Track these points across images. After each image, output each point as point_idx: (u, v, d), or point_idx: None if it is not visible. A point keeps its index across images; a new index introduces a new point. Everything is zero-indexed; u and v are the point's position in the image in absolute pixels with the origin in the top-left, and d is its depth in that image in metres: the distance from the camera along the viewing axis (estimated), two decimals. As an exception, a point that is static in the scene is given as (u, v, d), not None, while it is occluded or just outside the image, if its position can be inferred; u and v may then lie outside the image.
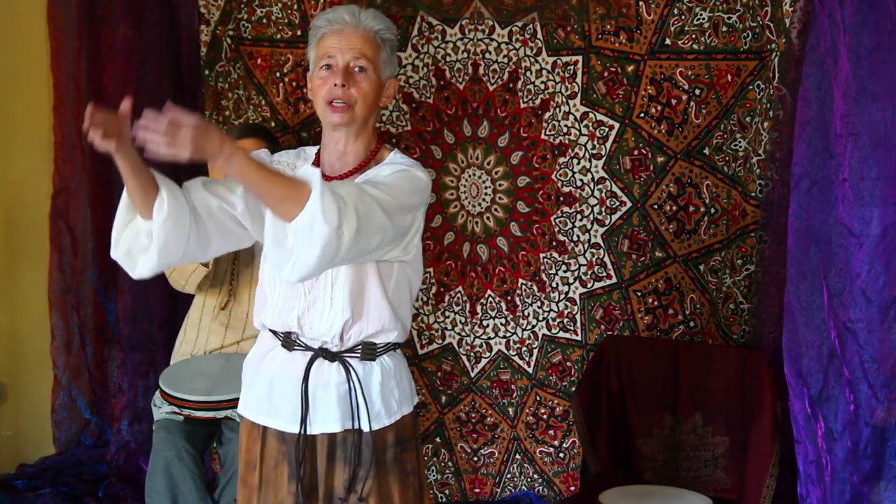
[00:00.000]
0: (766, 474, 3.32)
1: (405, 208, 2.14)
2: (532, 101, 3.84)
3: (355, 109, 2.19)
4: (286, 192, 1.97)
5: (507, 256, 3.94)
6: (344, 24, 2.20)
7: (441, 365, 4.00)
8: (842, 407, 2.76)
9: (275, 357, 2.27)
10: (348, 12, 2.21)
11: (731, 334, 3.81)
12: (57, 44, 3.96)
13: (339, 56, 2.19)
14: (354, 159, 2.25)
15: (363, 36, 2.20)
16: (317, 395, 2.23)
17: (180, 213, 2.13)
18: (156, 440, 3.18)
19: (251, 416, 2.31)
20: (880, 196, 2.65)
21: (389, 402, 2.26)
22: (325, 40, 2.22)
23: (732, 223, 3.79)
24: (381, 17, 2.25)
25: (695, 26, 3.73)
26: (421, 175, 2.21)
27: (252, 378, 2.32)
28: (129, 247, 2.18)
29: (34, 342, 4.12)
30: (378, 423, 2.24)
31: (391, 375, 2.28)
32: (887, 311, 2.66)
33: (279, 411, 2.25)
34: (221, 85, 3.89)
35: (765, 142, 3.64)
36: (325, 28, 2.22)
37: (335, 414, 2.22)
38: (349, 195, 2.00)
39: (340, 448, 2.24)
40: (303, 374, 2.22)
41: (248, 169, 1.97)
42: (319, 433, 2.24)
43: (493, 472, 4.04)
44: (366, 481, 2.22)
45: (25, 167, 4.06)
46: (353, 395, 2.22)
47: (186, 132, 1.90)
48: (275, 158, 2.34)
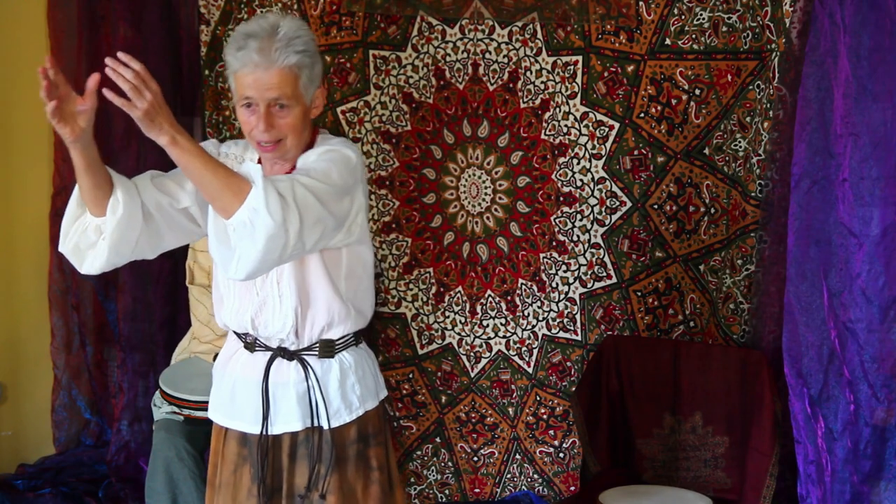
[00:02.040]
0: (766, 474, 3.32)
1: (341, 193, 2.10)
2: (532, 101, 3.84)
3: (286, 142, 2.14)
4: (227, 184, 1.95)
5: (507, 256, 3.94)
6: (255, 65, 2.07)
7: (441, 365, 4.00)
8: (842, 407, 2.76)
9: (238, 359, 2.28)
10: (257, 49, 2.06)
11: (731, 334, 3.81)
12: (57, 44, 3.96)
13: (256, 96, 2.09)
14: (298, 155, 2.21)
15: (279, 74, 2.08)
16: (277, 394, 2.23)
17: (133, 213, 2.12)
18: (156, 440, 3.19)
19: (217, 419, 2.32)
20: (880, 196, 2.65)
21: (349, 399, 2.26)
22: (240, 78, 2.11)
23: (732, 223, 3.79)
24: (295, 38, 2.10)
25: (695, 26, 3.73)
26: (349, 153, 2.16)
27: (219, 381, 2.33)
28: (76, 242, 2.17)
29: (34, 342, 4.12)
30: (338, 420, 2.24)
31: (351, 372, 2.26)
32: (887, 311, 2.66)
33: (242, 413, 2.26)
34: (221, 85, 3.89)
35: (765, 142, 3.64)
36: (235, 65, 2.11)
37: (296, 413, 2.22)
38: (286, 190, 1.97)
39: (303, 446, 2.25)
40: (263, 375, 2.23)
41: (191, 154, 1.95)
42: (282, 432, 2.24)
43: (493, 472, 4.03)
44: (326, 478, 2.22)
45: (25, 167, 4.06)
46: (312, 393, 2.22)
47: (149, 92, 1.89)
48: (222, 150, 2.31)
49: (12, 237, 4.09)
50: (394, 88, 3.86)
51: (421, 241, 3.93)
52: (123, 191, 2.10)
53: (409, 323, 3.97)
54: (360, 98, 3.86)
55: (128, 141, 3.88)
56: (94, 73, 2.02)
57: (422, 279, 3.95)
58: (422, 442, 4.01)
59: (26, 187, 4.08)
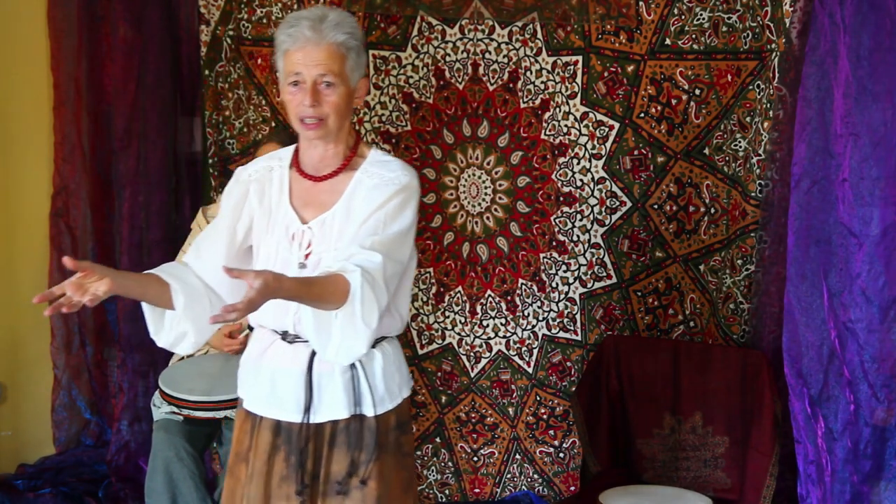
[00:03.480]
0: (766, 474, 3.32)
1: (409, 229, 2.25)
2: (532, 101, 3.84)
3: (328, 122, 2.23)
4: (332, 299, 2.07)
5: (507, 256, 3.94)
6: (306, 40, 2.18)
7: (441, 365, 4.00)
8: (842, 407, 2.76)
9: (276, 351, 2.30)
10: (310, 27, 2.19)
11: (731, 334, 3.81)
12: (57, 44, 3.96)
13: (305, 72, 2.19)
14: (336, 160, 2.29)
15: (327, 50, 2.19)
16: (322, 383, 2.26)
17: (194, 291, 2.24)
18: (155, 440, 3.18)
19: (253, 408, 2.34)
20: (880, 196, 2.65)
21: (391, 387, 2.32)
22: (290, 55, 2.21)
23: (732, 223, 3.79)
24: (344, 22, 2.23)
25: (695, 26, 3.73)
26: (414, 182, 2.26)
27: (254, 373, 2.35)
28: (172, 339, 2.28)
29: (34, 342, 4.12)
30: (382, 407, 2.29)
31: (392, 360, 2.33)
32: (887, 311, 2.66)
33: (282, 402, 2.28)
34: (221, 85, 3.89)
35: (765, 142, 3.64)
36: (287, 43, 2.21)
37: (342, 401, 2.26)
38: (377, 271, 2.11)
39: (342, 434, 2.28)
40: (306, 366, 2.26)
41: (300, 294, 2.05)
42: (325, 420, 2.27)
43: (493, 472, 4.03)
44: (368, 465, 2.26)
45: (25, 167, 4.06)
46: (357, 381, 2.26)
47: (257, 296, 1.95)
48: (249, 168, 2.37)
49: (12, 237, 4.09)
50: (394, 88, 3.86)
51: (421, 241, 3.93)
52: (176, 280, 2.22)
53: (410, 323, 3.97)
54: (360, 98, 3.86)
55: (128, 141, 3.89)
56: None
57: (422, 279, 3.95)
58: (422, 442, 4.01)
59: (26, 187, 4.08)
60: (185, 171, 4.04)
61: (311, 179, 2.28)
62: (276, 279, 1.97)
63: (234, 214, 2.33)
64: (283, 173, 2.32)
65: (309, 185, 2.29)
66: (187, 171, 4.04)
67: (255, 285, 1.93)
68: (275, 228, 2.28)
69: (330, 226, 2.24)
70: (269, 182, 2.32)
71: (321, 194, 2.27)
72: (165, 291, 2.20)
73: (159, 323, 2.26)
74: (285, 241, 2.26)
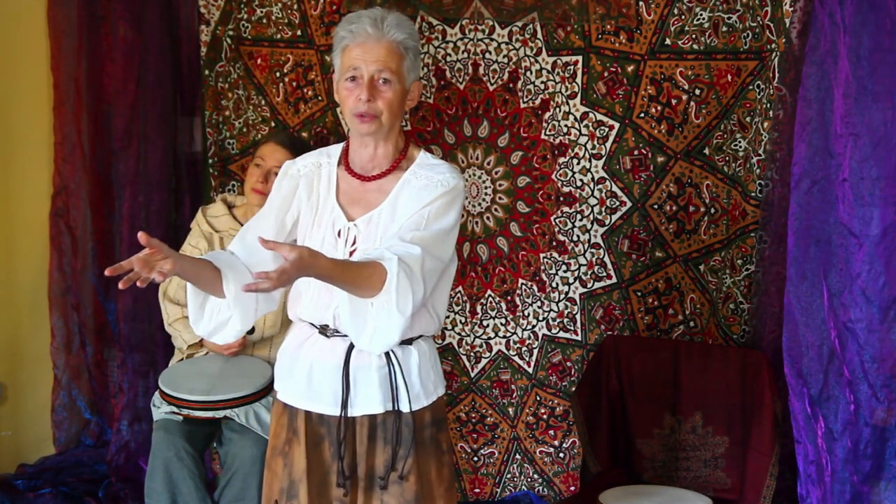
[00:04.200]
0: (766, 474, 3.32)
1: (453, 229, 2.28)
2: (532, 101, 3.84)
3: (382, 119, 2.26)
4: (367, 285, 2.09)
5: (507, 256, 3.94)
6: (367, 36, 2.23)
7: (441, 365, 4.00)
8: (842, 407, 2.76)
9: (313, 344, 2.34)
10: (371, 23, 2.23)
11: (731, 334, 3.81)
12: (57, 44, 3.96)
13: (363, 68, 2.23)
14: (385, 161, 2.33)
15: (387, 47, 2.24)
16: (358, 378, 2.29)
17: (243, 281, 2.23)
18: (155, 440, 3.18)
19: (290, 401, 2.37)
20: (880, 196, 2.65)
21: (427, 384, 2.36)
22: (350, 51, 2.25)
23: (732, 223, 3.79)
24: (403, 23, 2.28)
25: (695, 26, 3.73)
26: (461, 185, 2.29)
27: (291, 365, 2.38)
28: (214, 326, 2.29)
29: (34, 342, 4.12)
30: (417, 404, 2.33)
31: (427, 358, 2.37)
32: (887, 311, 2.66)
33: (320, 395, 2.32)
34: (221, 85, 3.89)
35: (765, 142, 3.64)
36: (348, 39, 2.25)
37: (377, 396, 2.29)
38: (416, 264, 2.12)
39: (381, 429, 2.32)
40: (343, 360, 2.29)
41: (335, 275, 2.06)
42: (360, 415, 2.30)
43: (493, 472, 4.04)
44: (406, 460, 2.30)
45: (25, 167, 4.06)
46: (394, 377, 2.29)
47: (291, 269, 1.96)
48: (298, 163, 2.41)
49: (12, 237, 4.09)
50: (394, 88, 3.86)
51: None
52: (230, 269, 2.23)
53: (409, 323, 3.97)
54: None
55: (128, 141, 3.89)
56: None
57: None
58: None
59: (26, 187, 4.08)
60: (185, 171, 4.04)
61: (360, 178, 2.32)
62: (311, 255, 2.00)
63: (284, 206, 2.37)
64: (332, 170, 2.35)
65: (357, 184, 2.33)
66: (187, 171, 4.04)
67: (290, 257, 1.95)
68: (321, 224, 2.33)
69: (376, 224, 2.28)
70: (317, 178, 2.36)
71: (368, 193, 2.31)
72: (217, 278, 2.22)
73: (200, 311, 2.27)
74: (331, 237, 2.30)
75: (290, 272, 1.96)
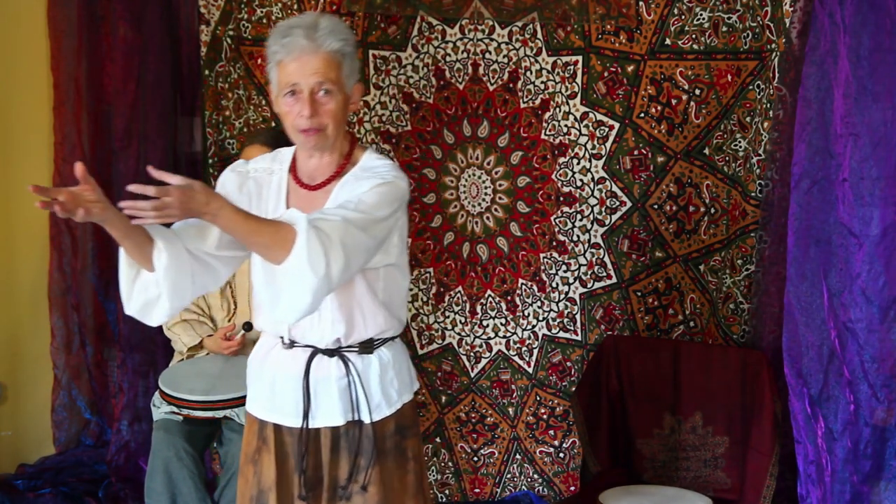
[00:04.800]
0: (766, 474, 3.32)
1: (385, 219, 2.18)
2: (532, 101, 3.84)
3: (327, 131, 2.21)
4: (273, 240, 2.00)
5: (507, 256, 3.94)
6: (302, 49, 2.15)
7: (441, 365, 4.00)
8: (842, 407, 2.76)
9: (277, 355, 2.32)
10: (304, 35, 2.15)
11: (731, 334, 3.81)
12: (57, 44, 3.96)
13: (302, 82, 2.16)
14: (331, 168, 2.28)
15: (324, 58, 2.16)
16: (318, 389, 2.27)
17: (179, 256, 2.14)
18: (155, 440, 3.18)
19: (256, 413, 2.35)
20: (880, 196, 2.65)
21: (389, 393, 2.31)
22: (285, 66, 2.17)
23: (732, 223, 3.79)
24: (337, 29, 2.19)
25: (695, 26, 3.73)
26: (401, 183, 2.23)
27: (257, 375, 2.37)
28: (143, 302, 2.18)
29: (34, 342, 4.12)
30: (379, 414, 2.29)
31: (390, 366, 2.32)
32: (887, 311, 2.66)
33: (282, 407, 2.30)
34: (221, 85, 3.89)
35: (765, 142, 3.64)
36: (281, 53, 2.18)
37: (337, 407, 2.27)
38: (334, 230, 2.03)
39: (344, 439, 2.29)
40: (303, 371, 2.26)
41: (235, 222, 1.99)
42: (323, 426, 2.28)
43: (493, 472, 4.03)
44: (368, 470, 2.27)
45: (25, 167, 4.06)
46: (353, 388, 2.26)
47: (173, 199, 1.90)
48: (251, 165, 2.36)
49: (12, 237, 4.08)
50: (394, 88, 3.86)
51: (421, 241, 3.93)
52: (162, 239, 2.13)
53: (410, 323, 3.97)
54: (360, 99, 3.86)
55: (128, 141, 3.89)
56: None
57: (422, 279, 3.95)
58: (422, 442, 4.01)
59: (26, 187, 4.06)
60: (185, 171, 4.04)
61: (307, 188, 2.28)
62: (205, 191, 1.93)
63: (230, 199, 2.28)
64: (283, 178, 2.31)
65: (304, 193, 2.28)
66: (187, 171, 4.03)
67: (175, 182, 1.89)
68: None
69: None
70: (267, 185, 2.31)
71: (315, 202, 2.26)
72: (147, 245, 2.12)
73: (131, 285, 2.17)
74: None
75: (172, 202, 1.88)
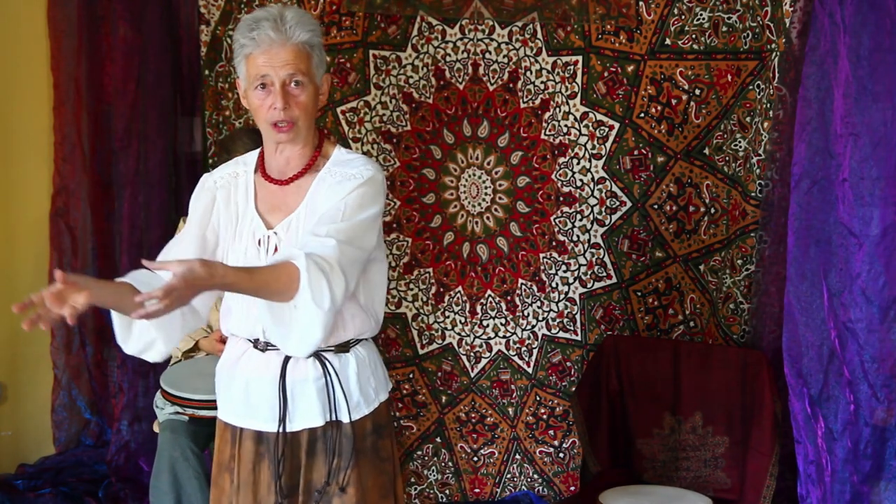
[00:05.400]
0: (766, 474, 3.32)
1: (374, 220, 2.20)
2: (532, 101, 3.84)
3: (299, 124, 2.20)
4: (278, 286, 2.02)
5: (507, 256, 3.94)
6: (271, 41, 2.13)
7: (441, 365, 4.00)
8: (842, 407, 2.76)
9: (249, 359, 2.28)
10: (272, 27, 2.14)
11: (731, 334, 3.81)
12: (57, 44, 3.96)
13: (272, 74, 2.15)
14: (301, 162, 2.26)
15: (293, 51, 2.15)
16: (295, 391, 2.24)
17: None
18: (161, 440, 3.18)
19: (229, 419, 2.32)
20: (880, 196, 2.65)
21: (367, 391, 2.29)
22: (254, 59, 2.16)
23: (732, 223, 3.79)
24: (304, 20, 2.19)
25: (695, 26, 3.73)
26: (378, 176, 2.22)
27: (228, 382, 2.32)
28: (141, 346, 2.24)
29: (34, 342, 4.11)
30: (358, 413, 2.27)
31: (366, 365, 2.30)
32: (887, 311, 2.66)
33: (257, 412, 2.26)
34: (221, 85, 3.89)
35: (765, 142, 3.64)
36: (250, 47, 2.16)
37: (316, 408, 2.23)
38: (331, 257, 2.05)
39: (321, 441, 2.26)
40: (279, 373, 2.23)
41: (241, 282, 2.00)
42: (301, 429, 2.25)
43: (493, 472, 4.03)
44: (347, 471, 2.24)
45: (25, 167, 4.06)
46: (332, 388, 2.24)
47: (177, 282, 1.88)
48: (215, 174, 2.34)
49: (12, 237, 4.08)
50: (394, 88, 3.86)
51: (421, 241, 3.93)
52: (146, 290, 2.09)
53: (410, 323, 3.97)
54: (360, 98, 3.86)
55: (128, 141, 3.89)
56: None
57: (422, 279, 3.95)
58: (422, 442, 4.01)
59: (26, 187, 4.08)
60: (185, 171, 4.04)
61: (277, 183, 2.26)
62: (205, 266, 1.91)
63: (203, 222, 2.30)
64: (249, 178, 2.29)
65: (275, 189, 2.26)
66: (187, 171, 4.04)
67: (178, 272, 1.87)
68: (242, 235, 2.26)
69: (295, 228, 2.21)
70: (234, 188, 2.29)
71: (286, 197, 2.25)
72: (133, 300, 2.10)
73: (127, 331, 2.22)
74: (253, 248, 2.24)
75: (179, 288, 1.86)
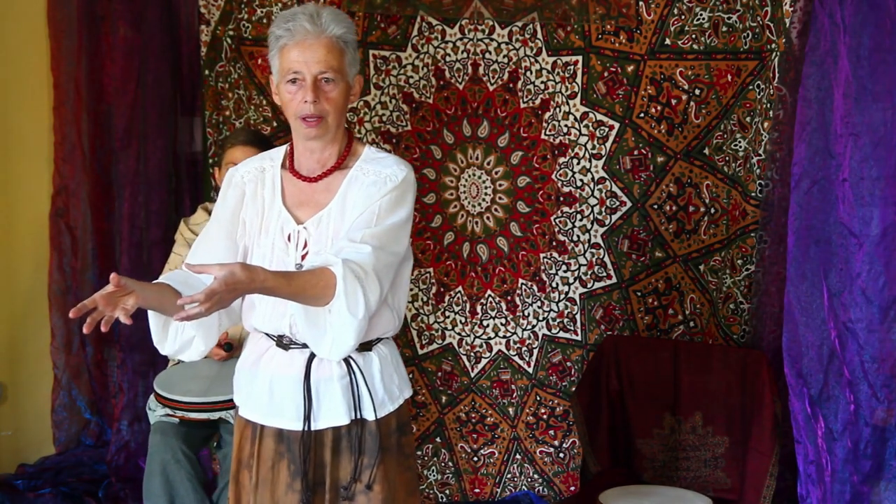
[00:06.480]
0: (766, 474, 3.32)
1: (406, 222, 2.22)
2: (532, 101, 3.84)
3: (328, 120, 2.20)
4: (315, 292, 2.05)
5: (507, 256, 3.94)
6: (305, 33, 2.16)
7: (441, 365, 4.00)
8: (842, 407, 2.76)
9: (272, 357, 2.27)
10: (308, 19, 2.16)
11: (731, 334, 3.81)
12: (57, 44, 3.96)
13: (305, 70, 2.17)
14: (330, 160, 2.27)
15: (326, 44, 2.17)
16: (320, 390, 2.23)
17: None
18: (151, 443, 3.17)
19: (252, 417, 2.31)
20: (880, 196, 2.65)
21: (391, 389, 2.30)
22: (289, 52, 2.18)
23: (732, 223, 3.79)
24: (340, 17, 2.21)
25: (695, 26, 3.73)
26: (409, 177, 2.24)
27: (250, 379, 2.32)
28: (179, 344, 2.24)
29: (34, 342, 4.12)
30: (383, 411, 2.27)
31: (389, 362, 2.31)
32: (887, 311, 2.66)
33: (281, 410, 2.25)
34: (221, 85, 3.89)
35: (765, 142, 3.64)
36: (286, 38, 2.18)
37: (342, 407, 2.23)
38: (366, 262, 2.09)
39: (346, 439, 2.26)
40: (303, 372, 2.23)
41: (280, 287, 2.02)
42: (326, 427, 2.25)
43: (493, 472, 4.03)
44: (373, 469, 2.24)
45: (25, 167, 4.07)
46: (357, 386, 2.24)
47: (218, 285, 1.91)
48: (241, 169, 2.34)
49: (12, 237, 4.09)
50: (394, 88, 3.86)
51: (421, 241, 3.93)
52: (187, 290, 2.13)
53: (410, 323, 3.97)
54: (360, 98, 3.86)
55: (128, 141, 3.89)
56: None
57: (422, 279, 3.95)
58: (422, 442, 4.01)
59: (26, 187, 4.08)
60: (185, 171, 4.04)
61: (305, 180, 2.26)
62: (245, 270, 1.94)
63: (234, 219, 2.30)
64: (276, 174, 2.29)
65: (303, 186, 2.27)
66: (187, 171, 4.04)
67: (220, 275, 1.88)
68: (269, 230, 2.26)
69: (326, 225, 2.22)
70: (261, 183, 2.29)
71: (316, 194, 2.25)
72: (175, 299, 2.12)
73: (163, 332, 2.22)
74: (281, 243, 2.24)
75: (220, 292, 1.88)
